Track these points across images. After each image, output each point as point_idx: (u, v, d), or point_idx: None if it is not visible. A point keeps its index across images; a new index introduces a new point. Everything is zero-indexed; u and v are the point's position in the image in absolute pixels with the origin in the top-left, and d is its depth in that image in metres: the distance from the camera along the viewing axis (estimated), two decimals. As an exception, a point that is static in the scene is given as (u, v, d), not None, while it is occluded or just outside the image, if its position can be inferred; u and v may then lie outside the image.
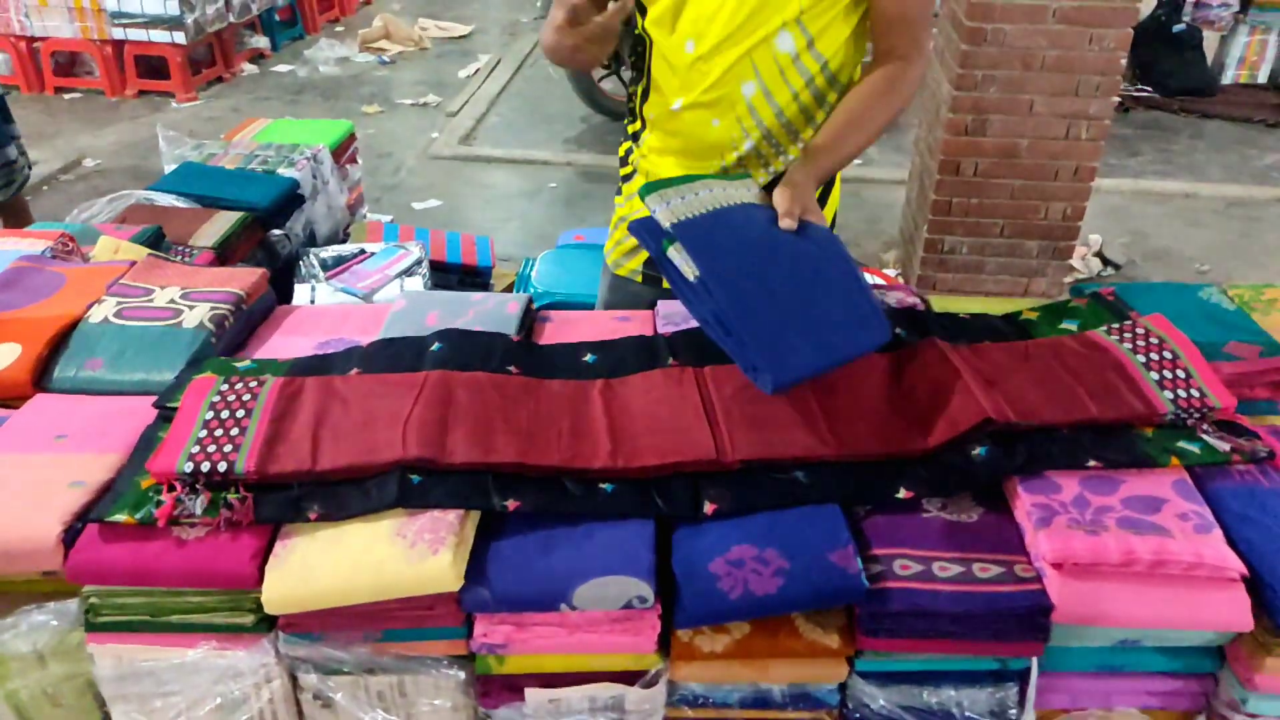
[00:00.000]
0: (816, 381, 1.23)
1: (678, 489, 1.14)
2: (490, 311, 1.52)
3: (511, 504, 1.11)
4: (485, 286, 2.76)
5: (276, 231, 2.45)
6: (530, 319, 1.52)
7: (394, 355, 1.36)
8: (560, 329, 1.52)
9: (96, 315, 1.46)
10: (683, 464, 1.15)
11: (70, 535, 1.08)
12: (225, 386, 1.25)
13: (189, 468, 1.12)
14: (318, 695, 1.11)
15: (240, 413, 1.22)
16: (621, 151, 1.73)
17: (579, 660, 1.09)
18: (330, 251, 2.43)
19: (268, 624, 1.08)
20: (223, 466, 1.12)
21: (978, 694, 1.08)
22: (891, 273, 3.82)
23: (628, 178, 1.72)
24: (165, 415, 1.25)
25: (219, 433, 1.18)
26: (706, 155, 1.55)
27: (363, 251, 2.42)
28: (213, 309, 1.47)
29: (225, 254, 2.21)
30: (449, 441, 1.16)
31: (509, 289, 2.71)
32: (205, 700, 1.09)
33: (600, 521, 1.11)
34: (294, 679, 1.11)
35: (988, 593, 1.03)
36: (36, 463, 1.18)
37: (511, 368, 1.31)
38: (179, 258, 2.04)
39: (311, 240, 2.66)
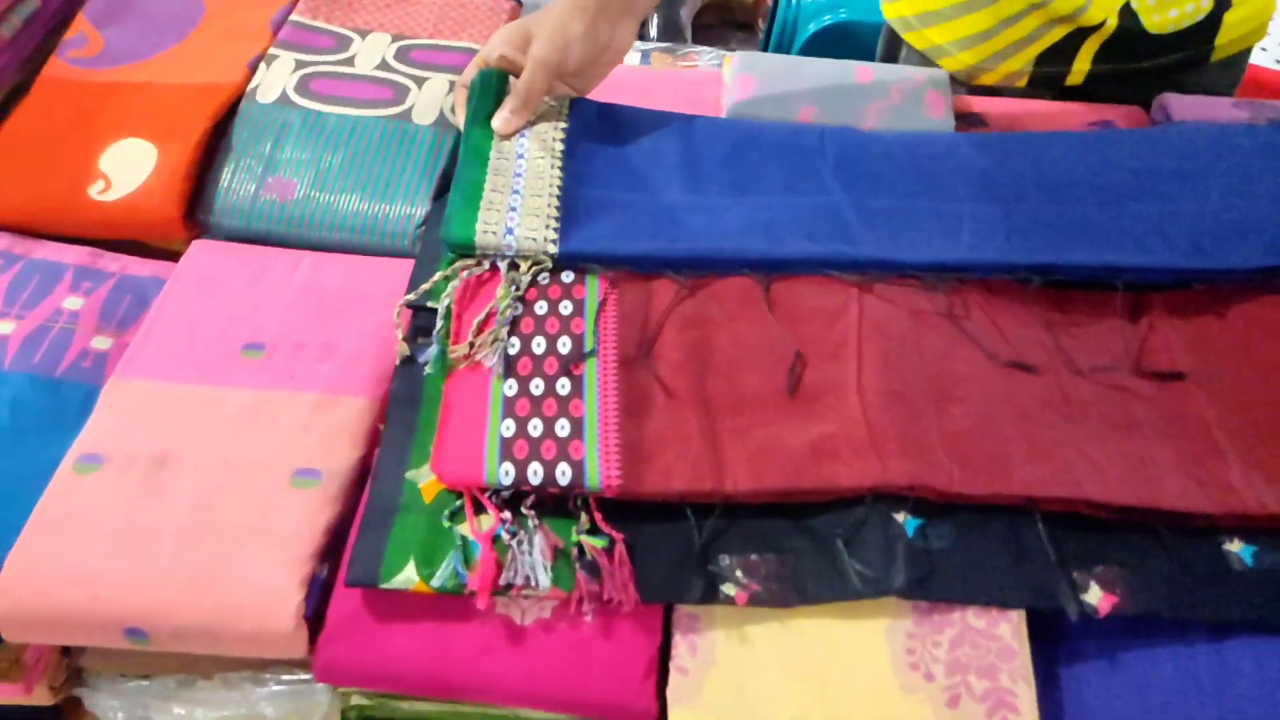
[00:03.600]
0: None
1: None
2: (900, 108, 0.91)
3: (1106, 601, 0.60)
4: None
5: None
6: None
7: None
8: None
9: (269, 87, 0.88)
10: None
11: (314, 594, 0.61)
12: (522, 290, 0.71)
13: (507, 477, 0.62)
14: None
15: (565, 344, 0.69)
16: None
17: None
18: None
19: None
20: (565, 474, 0.61)
21: None
22: None
23: None
24: (423, 324, 0.72)
25: (539, 390, 0.66)
26: None
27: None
28: (452, 83, 0.89)
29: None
30: (956, 453, 0.63)
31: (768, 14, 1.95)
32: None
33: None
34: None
35: None
36: (223, 415, 0.68)
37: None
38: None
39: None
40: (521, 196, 0.77)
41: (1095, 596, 0.60)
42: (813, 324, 0.71)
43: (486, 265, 0.74)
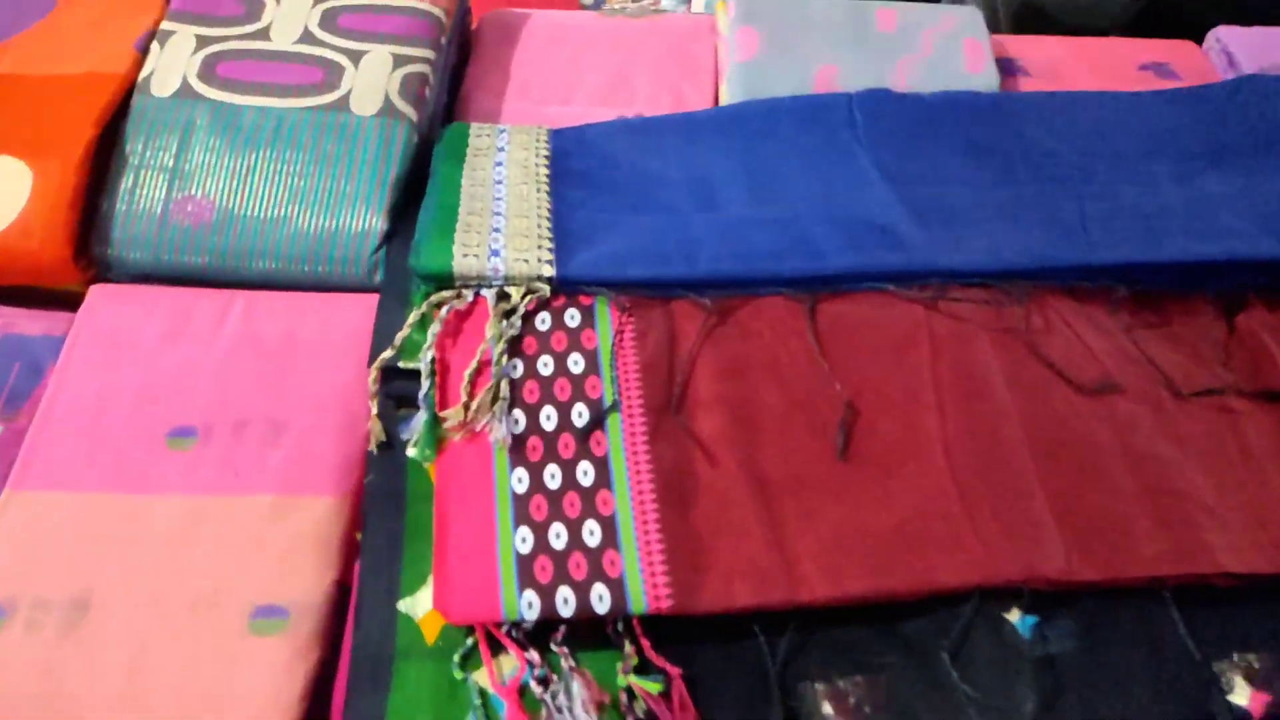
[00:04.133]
0: None
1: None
2: (934, 63, 0.77)
3: (1258, 701, 0.50)
4: None
5: None
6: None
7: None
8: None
9: (165, 75, 0.70)
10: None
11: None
12: (517, 327, 0.58)
13: (531, 610, 0.49)
14: None
15: (580, 414, 0.55)
16: None
17: None
18: None
19: None
20: (603, 599, 0.49)
21: None
22: None
23: None
24: (399, 389, 0.58)
25: (556, 481, 0.53)
26: None
27: None
28: (397, 57, 0.72)
29: None
30: (1069, 528, 0.52)
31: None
32: None
33: None
34: None
35: None
36: (154, 534, 0.54)
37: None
38: None
39: None
40: (505, 218, 0.62)
41: (1243, 697, 0.50)
42: (877, 361, 0.59)
43: (469, 296, 0.60)
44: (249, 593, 0.52)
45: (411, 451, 0.55)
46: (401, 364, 0.58)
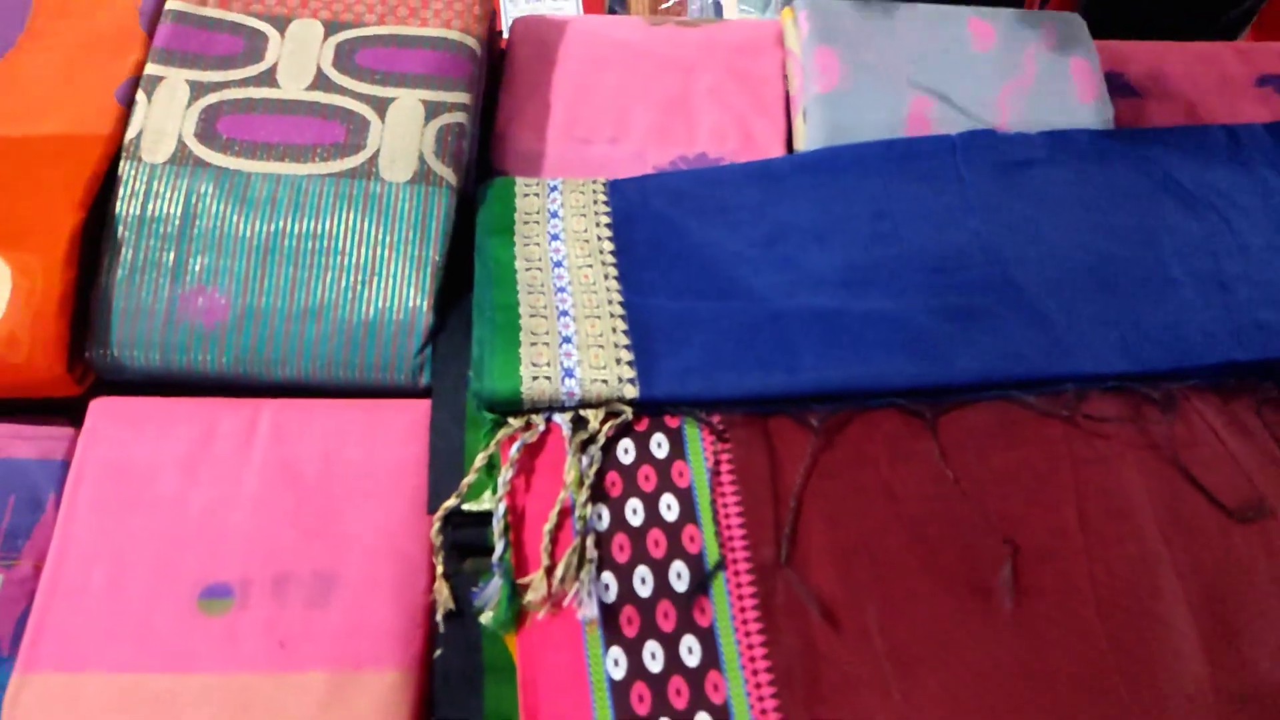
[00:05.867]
0: None
1: None
2: (1040, 92, 0.67)
3: None
4: None
5: None
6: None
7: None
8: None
9: (157, 136, 0.59)
10: None
11: None
12: (596, 460, 0.50)
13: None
14: None
15: (680, 574, 0.48)
16: None
17: None
18: None
19: None
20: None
21: None
22: None
23: None
24: (465, 538, 0.50)
25: (658, 663, 0.46)
26: None
27: None
28: (429, 105, 0.61)
29: None
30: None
31: None
32: None
33: None
34: None
35: None
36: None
37: None
38: None
39: None
40: (574, 320, 0.53)
41: None
42: (1011, 492, 0.51)
43: (541, 425, 0.52)
44: (312, 801, 0.45)
45: (487, 619, 0.48)
46: (466, 507, 0.50)
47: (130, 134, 0.59)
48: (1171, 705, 0.46)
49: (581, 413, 0.52)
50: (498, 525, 0.48)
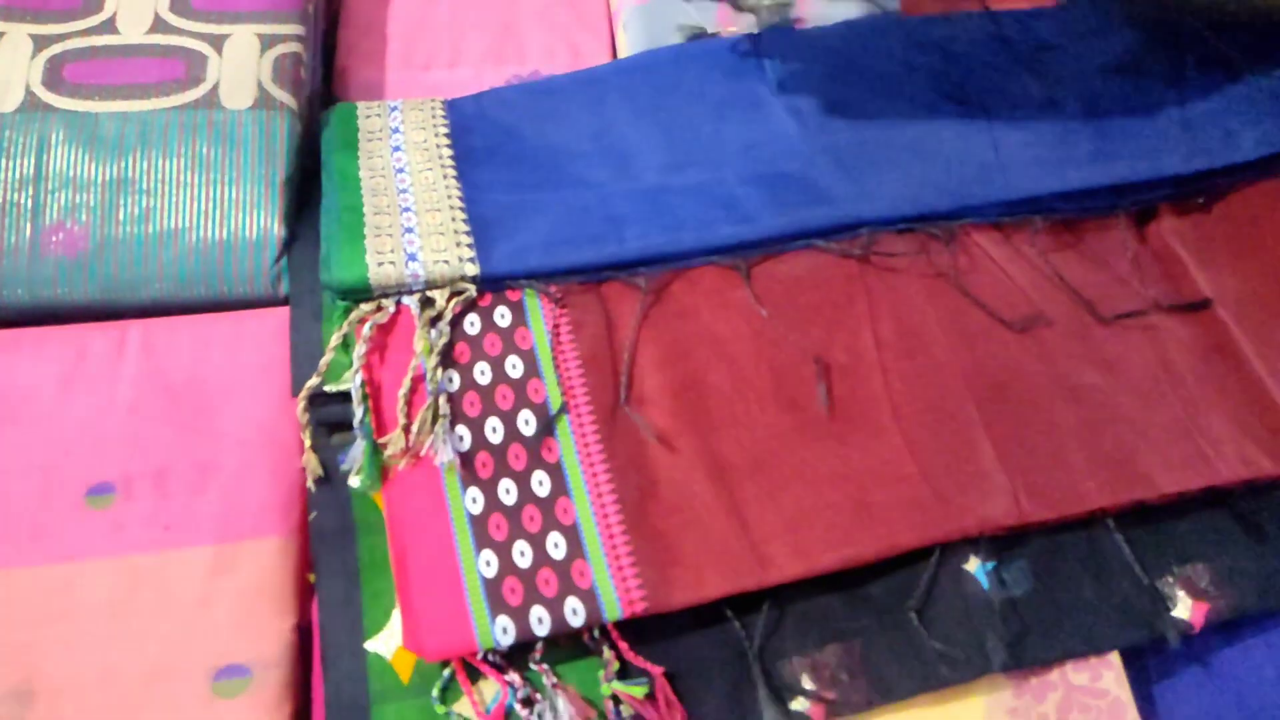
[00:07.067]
0: None
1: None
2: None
3: (1198, 611, 0.53)
4: None
5: None
6: None
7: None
8: None
9: (6, 87, 0.63)
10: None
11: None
12: (446, 334, 0.55)
13: (506, 635, 0.48)
14: None
15: (527, 421, 0.54)
16: None
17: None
18: None
19: None
20: (577, 612, 0.48)
21: None
22: None
23: None
24: (329, 414, 0.55)
25: (512, 496, 0.52)
26: None
27: None
28: (264, 37, 0.65)
29: None
30: (1015, 471, 0.54)
31: None
32: None
33: None
34: None
35: None
36: (90, 605, 0.51)
37: None
38: None
39: None
40: (416, 214, 0.58)
41: (1185, 609, 0.53)
42: (818, 323, 0.58)
43: (391, 307, 0.57)
44: (206, 655, 0.49)
45: (354, 482, 0.53)
46: (328, 388, 0.55)
47: (-24, 87, 0.62)
48: (964, 480, 0.53)
49: (429, 293, 0.57)
50: (356, 394, 0.53)
